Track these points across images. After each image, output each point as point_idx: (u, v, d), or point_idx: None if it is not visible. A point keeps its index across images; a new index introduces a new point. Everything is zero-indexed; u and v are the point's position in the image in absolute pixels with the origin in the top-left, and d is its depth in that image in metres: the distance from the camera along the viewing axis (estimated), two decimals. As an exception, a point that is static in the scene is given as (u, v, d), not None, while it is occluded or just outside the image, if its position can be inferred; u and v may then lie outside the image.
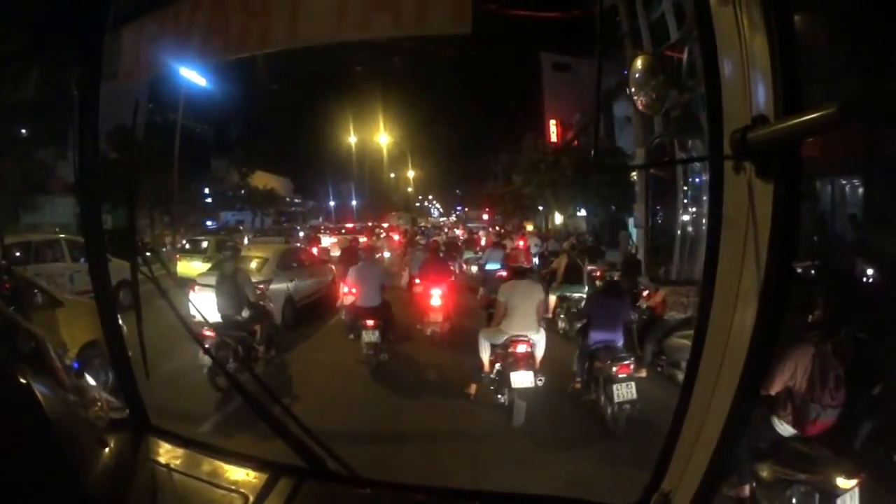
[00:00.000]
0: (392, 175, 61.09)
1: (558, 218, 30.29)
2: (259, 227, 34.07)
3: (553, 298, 9.06)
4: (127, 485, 1.29)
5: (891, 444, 3.93)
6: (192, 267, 12.71)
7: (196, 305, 2.15)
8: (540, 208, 31.80)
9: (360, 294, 7.57)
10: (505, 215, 39.34)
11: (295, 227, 29.09)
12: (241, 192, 36.28)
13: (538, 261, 13.53)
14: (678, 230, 13.03)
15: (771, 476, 3.41)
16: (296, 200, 51.30)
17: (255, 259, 9.68)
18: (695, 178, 13.14)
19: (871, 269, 7.90)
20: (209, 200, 33.79)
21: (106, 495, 1.17)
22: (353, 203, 54.58)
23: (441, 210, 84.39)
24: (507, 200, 36.50)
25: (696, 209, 12.97)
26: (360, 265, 7.97)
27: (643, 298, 7.73)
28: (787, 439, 3.58)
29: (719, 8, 1.01)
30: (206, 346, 4.90)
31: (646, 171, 13.16)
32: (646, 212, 13.62)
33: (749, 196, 0.99)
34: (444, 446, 4.92)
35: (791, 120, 0.84)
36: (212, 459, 1.49)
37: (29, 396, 1.09)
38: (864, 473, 3.21)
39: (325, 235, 25.46)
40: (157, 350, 1.89)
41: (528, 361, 5.34)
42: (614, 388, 5.07)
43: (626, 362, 5.22)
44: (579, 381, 5.88)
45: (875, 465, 3.64)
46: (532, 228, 29.09)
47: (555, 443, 4.98)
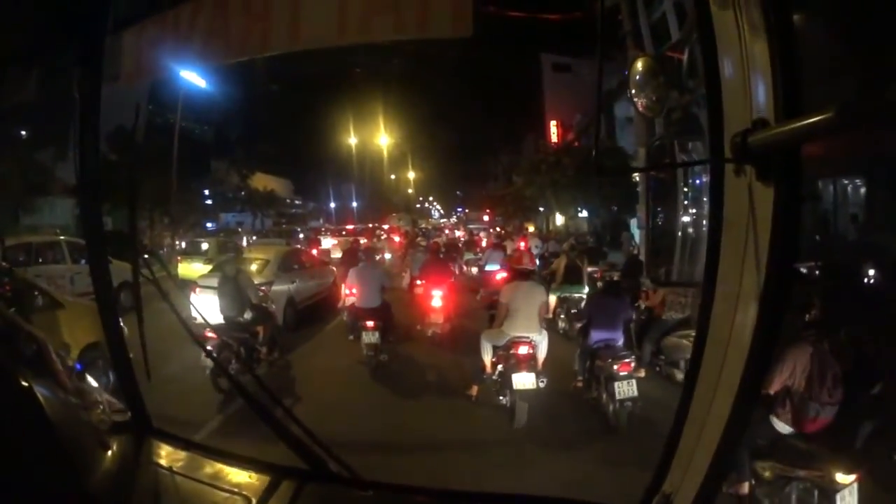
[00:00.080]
0: (392, 176, 61.07)
1: (559, 219, 30.29)
2: (259, 228, 34.06)
3: (553, 299, 9.07)
4: (129, 488, 1.29)
5: (891, 444, 3.93)
6: (192, 268, 12.74)
7: (197, 307, 2.16)
8: (541, 209, 31.82)
9: (359, 295, 7.57)
10: (506, 216, 39.33)
11: (295, 229, 29.06)
12: (242, 193, 36.29)
13: (539, 262, 13.52)
14: (679, 231, 13.02)
15: (770, 473, 3.43)
16: (296, 202, 51.35)
17: (256, 261, 9.68)
18: (695, 180, 13.13)
19: (871, 269, 7.90)
20: (209, 202, 33.79)
21: (108, 498, 1.17)
22: (354, 205, 54.59)
23: (442, 211, 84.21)
24: (507, 201, 36.50)
25: (696, 210, 12.95)
26: (361, 266, 7.96)
27: (642, 299, 7.72)
28: (786, 437, 3.61)
29: (720, 11, 1.02)
30: (207, 348, 4.91)
31: (647, 173, 13.17)
32: (646, 213, 13.63)
33: (749, 199, 1.00)
34: (444, 448, 4.90)
35: (791, 123, 0.84)
36: (214, 462, 1.48)
37: (31, 399, 1.09)
38: (863, 470, 3.23)
39: (326, 237, 25.43)
40: (158, 352, 1.89)
41: (529, 363, 5.34)
42: (616, 385, 5.14)
43: (627, 360, 5.29)
44: (580, 379, 5.94)
45: (875, 465, 3.65)
46: (533, 230, 29.07)
47: (556, 444, 4.98)
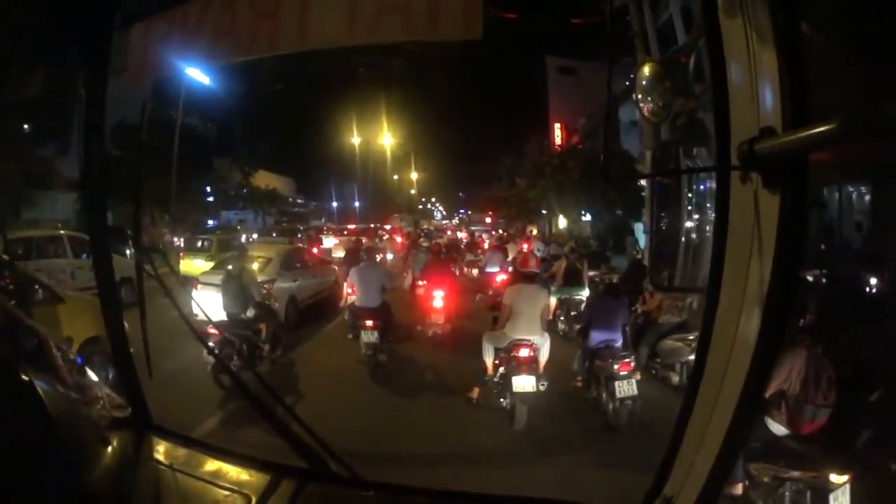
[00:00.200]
0: (395, 177, 60.98)
1: (562, 222, 30.29)
2: (261, 227, 33.99)
3: (553, 301, 9.07)
4: (129, 484, 1.29)
5: (888, 451, 3.96)
6: (195, 265, 12.73)
7: (199, 304, 2.16)
8: (544, 212, 31.82)
9: (360, 295, 7.57)
10: (508, 219, 39.33)
11: (297, 227, 29.02)
12: (244, 191, 36.26)
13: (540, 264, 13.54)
14: (682, 237, 12.99)
15: (764, 474, 3.46)
16: (298, 201, 51.32)
17: (258, 259, 9.64)
18: (700, 186, 13.11)
19: (873, 277, 7.88)
20: (211, 199, 33.77)
21: (107, 494, 1.17)
22: (356, 204, 54.59)
23: (444, 213, 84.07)
24: (510, 204, 36.52)
25: (700, 216, 12.92)
26: (362, 266, 7.96)
27: (640, 302, 7.69)
28: (781, 438, 3.66)
29: (728, 18, 1.02)
30: (209, 345, 4.90)
31: (652, 178, 13.13)
32: (651, 218, 13.60)
33: (755, 206, 1.00)
34: (444, 448, 4.90)
35: (798, 132, 0.84)
36: (214, 459, 1.48)
37: (31, 394, 1.09)
38: (856, 471, 3.27)
39: (328, 236, 25.40)
40: (159, 348, 1.89)
41: (530, 366, 5.34)
42: (616, 384, 5.23)
43: (627, 360, 5.41)
44: (580, 379, 6.03)
45: (871, 471, 3.68)
46: (536, 232, 29.05)
47: (556, 445, 4.98)
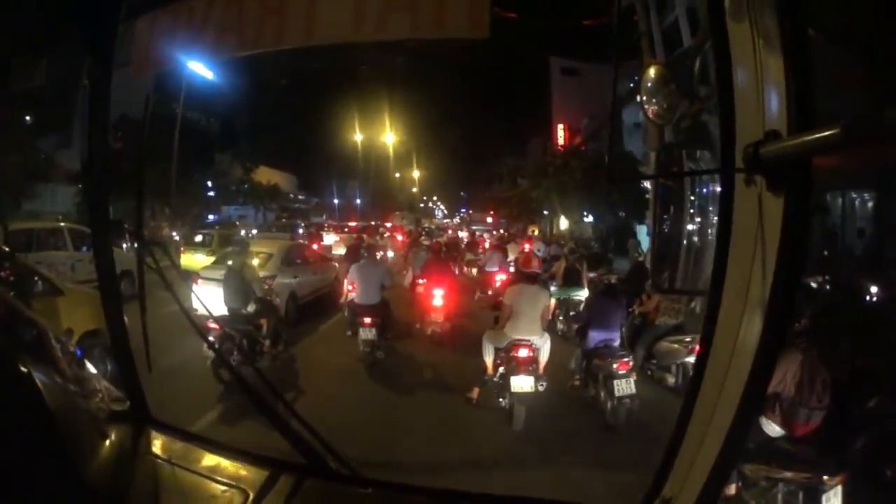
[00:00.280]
0: (397, 175, 60.95)
1: (563, 223, 30.26)
2: (261, 222, 33.91)
3: (552, 301, 9.07)
4: (126, 477, 1.29)
5: (883, 456, 3.97)
6: (195, 259, 12.74)
7: (199, 298, 2.15)
8: (545, 213, 31.80)
9: (359, 291, 7.59)
10: (510, 219, 39.33)
11: (296, 224, 28.94)
12: (245, 186, 36.15)
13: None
14: (684, 239, 12.98)
15: (756, 475, 3.48)
16: (300, 197, 51.26)
17: (258, 254, 9.60)
18: (702, 189, 13.10)
19: (874, 282, 7.87)
20: (212, 194, 33.65)
21: (105, 487, 1.16)
22: (358, 201, 54.54)
23: (445, 211, 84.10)
24: (512, 204, 36.51)
25: (702, 219, 12.91)
26: (362, 263, 7.98)
27: (636, 304, 7.69)
28: (775, 439, 3.70)
29: (734, 22, 1.01)
30: (209, 339, 4.89)
31: (656, 180, 13.11)
32: (654, 220, 13.57)
33: (759, 209, 1.00)
34: (442, 447, 4.90)
35: (803, 136, 0.84)
36: (212, 454, 1.48)
37: (29, 385, 1.09)
38: (848, 472, 3.29)
39: (329, 233, 25.35)
40: (158, 342, 1.88)
41: (529, 366, 5.34)
42: (615, 383, 5.29)
43: (626, 359, 5.48)
44: (578, 378, 6.09)
45: (865, 475, 3.70)
46: (537, 233, 29.04)
47: (555, 446, 4.97)
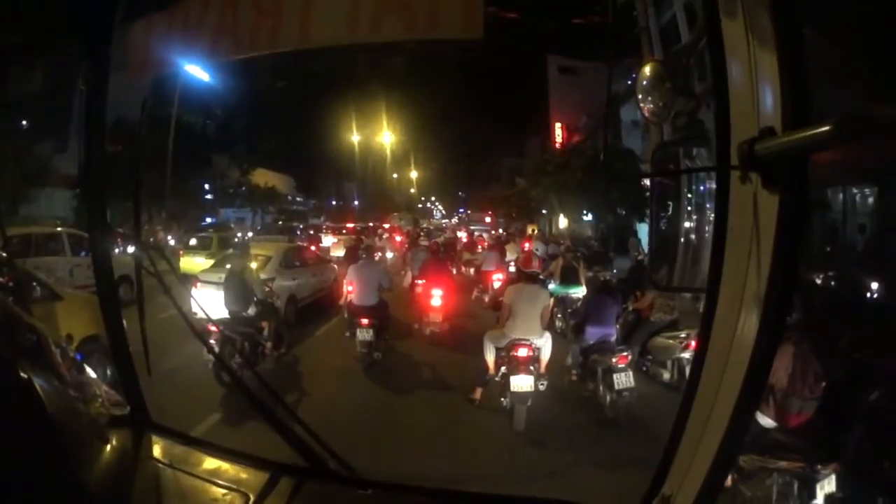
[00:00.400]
0: (395, 175, 60.95)
1: (563, 222, 30.23)
2: (259, 225, 33.78)
3: (550, 299, 9.07)
4: (127, 482, 1.29)
5: (881, 448, 4.00)
6: (195, 262, 12.71)
7: (199, 302, 2.15)
8: (544, 212, 31.80)
9: (356, 292, 7.60)
10: (508, 218, 39.34)
11: (296, 226, 28.92)
12: (242, 189, 36.02)
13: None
14: (682, 237, 13.00)
15: (751, 466, 3.50)
16: (297, 199, 51.16)
17: (257, 257, 9.54)
18: (699, 187, 13.12)
19: (875, 278, 7.88)
20: (209, 197, 33.55)
21: (106, 492, 1.17)
22: (356, 203, 54.48)
23: (444, 212, 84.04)
24: (510, 203, 36.50)
25: (699, 217, 12.94)
26: (360, 264, 8.00)
27: (631, 301, 7.72)
28: (768, 430, 3.75)
29: (729, 19, 1.02)
30: (208, 344, 4.88)
31: (653, 179, 13.11)
32: (651, 218, 13.60)
33: (755, 207, 1.00)
34: (442, 447, 4.90)
35: (797, 133, 0.84)
36: (212, 457, 1.48)
37: (29, 391, 1.09)
38: (845, 463, 3.32)
39: (327, 235, 25.35)
40: (158, 346, 1.88)
41: (528, 366, 5.34)
42: (614, 377, 5.42)
43: (625, 353, 5.61)
44: (575, 374, 6.19)
45: (862, 465, 3.73)
46: (536, 232, 29.01)
47: (556, 445, 4.98)
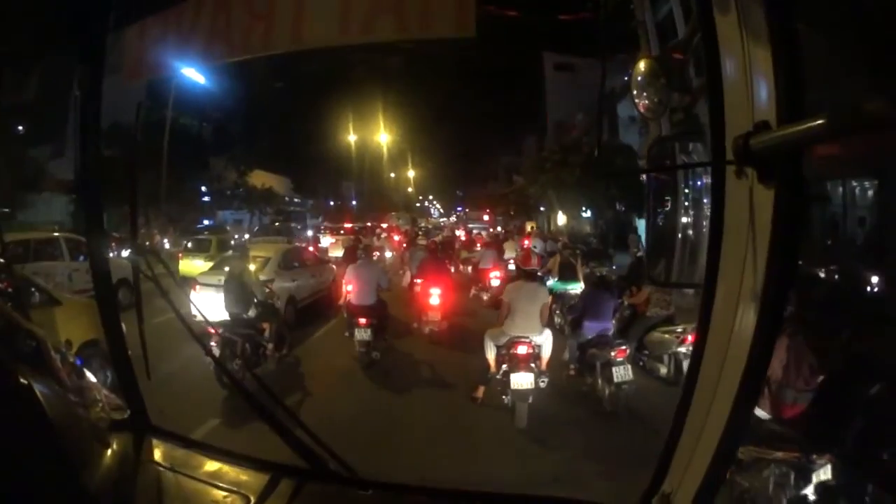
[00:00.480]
0: (392, 175, 60.89)
1: (561, 219, 30.19)
2: (255, 226, 33.66)
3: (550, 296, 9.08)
4: (128, 486, 1.29)
5: (881, 440, 4.01)
6: (194, 265, 12.68)
7: (197, 305, 2.15)
8: (542, 209, 31.76)
9: (355, 292, 7.62)
10: (506, 216, 39.33)
11: (294, 227, 28.87)
12: (240, 190, 35.97)
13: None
14: (679, 233, 13.00)
15: (748, 457, 3.52)
16: (295, 200, 51.07)
17: (256, 259, 9.50)
18: (696, 182, 13.13)
19: (875, 271, 7.88)
20: (207, 199, 33.49)
21: (107, 496, 1.16)
22: (354, 203, 54.38)
23: (441, 210, 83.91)
24: (508, 201, 36.46)
25: (696, 212, 12.94)
26: (359, 263, 8.01)
27: (626, 296, 7.73)
28: (763, 421, 3.78)
29: (722, 14, 1.01)
30: (211, 344, 4.87)
31: (649, 174, 13.11)
32: (648, 214, 13.58)
33: (750, 201, 0.99)
34: (442, 447, 4.90)
35: (792, 127, 0.84)
36: (213, 460, 1.49)
37: (30, 397, 1.09)
38: (842, 453, 3.33)
39: (325, 235, 25.35)
40: (158, 350, 1.89)
41: (528, 363, 5.35)
42: (614, 370, 5.50)
43: (623, 347, 5.69)
44: (573, 368, 6.28)
45: (861, 455, 3.74)
46: (535, 229, 28.98)
47: (556, 442, 4.99)
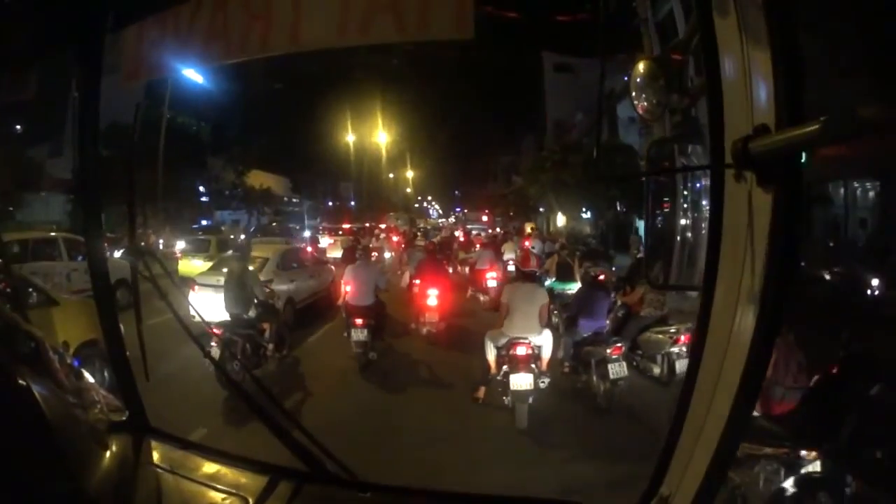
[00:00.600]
0: (391, 175, 60.90)
1: (560, 220, 30.13)
2: (252, 227, 33.62)
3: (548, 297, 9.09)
4: (126, 487, 1.29)
5: (876, 439, 4.03)
6: (193, 265, 12.66)
7: (196, 305, 2.15)
8: (541, 210, 31.70)
9: (353, 293, 7.62)
10: (505, 217, 39.29)
11: (293, 227, 28.89)
12: (238, 190, 35.92)
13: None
14: (678, 235, 13.01)
15: (739, 453, 3.52)
16: (293, 200, 51.04)
17: (255, 260, 9.42)
18: (695, 183, 13.13)
19: (876, 273, 7.91)
20: (204, 199, 33.48)
21: (105, 497, 1.16)
22: (352, 203, 54.35)
23: (440, 211, 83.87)
24: (508, 202, 36.42)
25: (695, 214, 12.95)
26: (357, 264, 8.02)
27: (620, 296, 7.74)
28: (754, 418, 3.76)
29: (721, 16, 1.02)
30: (211, 344, 4.86)
31: (647, 177, 13.10)
32: (647, 216, 13.60)
33: (749, 204, 0.99)
34: (441, 448, 4.88)
35: (791, 131, 0.84)
36: (211, 462, 1.48)
37: (28, 398, 1.09)
38: (826, 446, 3.34)
39: (324, 236, 25.38)
40: (156, 351, 1.88)
41: (528, 364, 5.35)
42: (609, 367, 5.58)
43: (619, 344, 5.78)
44: (568, 366, 6.38)
45: (854, 453, 3.76)
46: (534, 230, 28.94)
47: (555, 443, 4.99)
